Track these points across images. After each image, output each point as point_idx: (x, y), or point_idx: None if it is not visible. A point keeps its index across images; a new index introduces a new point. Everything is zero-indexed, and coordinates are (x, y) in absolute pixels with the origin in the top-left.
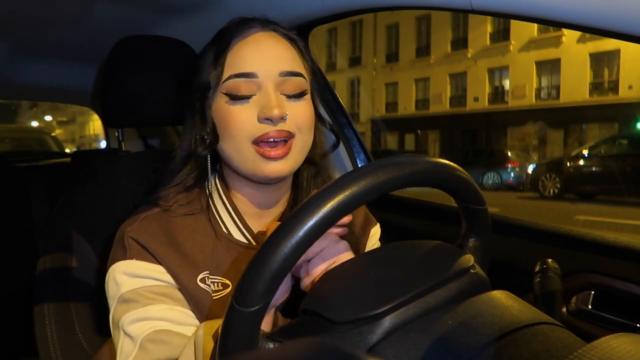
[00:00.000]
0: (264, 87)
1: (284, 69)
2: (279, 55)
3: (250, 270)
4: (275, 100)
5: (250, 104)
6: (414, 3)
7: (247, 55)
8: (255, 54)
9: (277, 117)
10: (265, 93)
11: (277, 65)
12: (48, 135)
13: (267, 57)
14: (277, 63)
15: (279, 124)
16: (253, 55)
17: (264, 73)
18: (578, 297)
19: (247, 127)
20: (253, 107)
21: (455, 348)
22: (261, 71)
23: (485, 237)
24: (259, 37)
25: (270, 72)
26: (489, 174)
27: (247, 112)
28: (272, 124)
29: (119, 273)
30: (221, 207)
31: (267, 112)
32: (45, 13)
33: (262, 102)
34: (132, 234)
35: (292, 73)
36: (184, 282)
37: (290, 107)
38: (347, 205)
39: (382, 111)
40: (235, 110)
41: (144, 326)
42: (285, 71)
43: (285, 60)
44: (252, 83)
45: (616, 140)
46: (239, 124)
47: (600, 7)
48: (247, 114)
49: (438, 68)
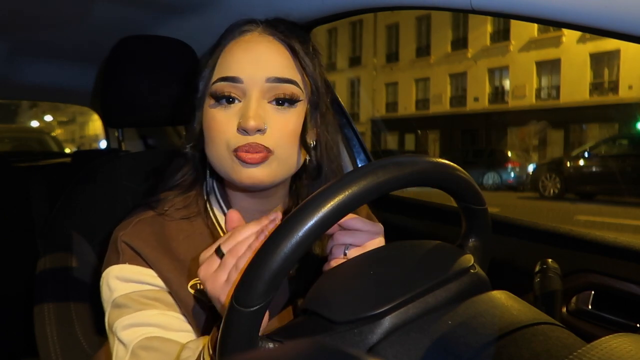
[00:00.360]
0: (248, 94)
1: (272, 75)
2: (269, 60)
3: (250, 270)
4: (254, 110)
5: (233, 110)
6: (414, 3)
7: (234, 59)
8: (242, 58)
9: (253, 129)
10: (247, 100)
11: (265, 71)
12: (48, 135)
13: (254, 61)
14: (265, 68)
15: (256, 135)
16: (240, 58)
17: (249, 78)
18: (578, 297)
19: (225, 135)
20: (235, 114)
21: (455, 348)
22: (246, 76)
23: (485, 237)
24: (251, 41)
25: (255, 77)
26: (489, 174)
27: (228, 119)
28: (248, 135)
29: (112, 277)
30: (218, 211)
31: (242, 123)
32: (45, 13)
33: (242, 110)
34: (125, 238)
35: (281, 79)
36: (175, 288)
37: (274, 118)
38: (347, 205)
39: (382, 111)
40: (218, 115)
41: (137, 332)
42: (273, 77)
43: (274, 65)
44: (236, 88)
45: (616, 140)
46: (218, 131)
47: (600, 7)
48: (227, 121)
49: (438, 68)
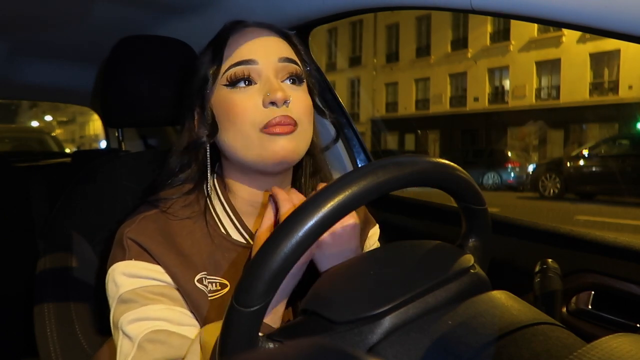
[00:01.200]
0: (264, 74)
1: (283, 55)
2: (276, 43)
3: (251, 270)
4: (277, 84)
5: (252, 91)
6: (414, 3)
7: (245, 45)
8: (252, 43)
9: (281, 99)
10: (266, 79)
11: (275, 52)
12: (48, 135)
13: (264, 44)
14: (275, 50)
15: (283, 107)
16: (250, 44)
17: (263, 59)
18: (578, 297)
19: (251, 113)
20: (256, 93)
21: (455, 348)
22: (260, 57)
23: (485, 237)
24: (254, 30)
25: (269, 57)
26: (489, 174)
27: (251, 98)
28: (277, 107)
29: (118, 274)
30: (219, 208)
31: (271, 96)
32: (45, 13)
33: (265, 87)
34: (131, 234)
35: (290, 59)
36: (182, 283)
37: (292, 94)
38: (347, 205)
39: (382, 111)
40: (238, 98)
41: (143, 326)
42: (284, 57)
43: (281, 48)
44: (252, 70)
45: (616, 140)
46: (243, 110)
47: (600, 7)
48: (251, 101)
49: (438, 68)
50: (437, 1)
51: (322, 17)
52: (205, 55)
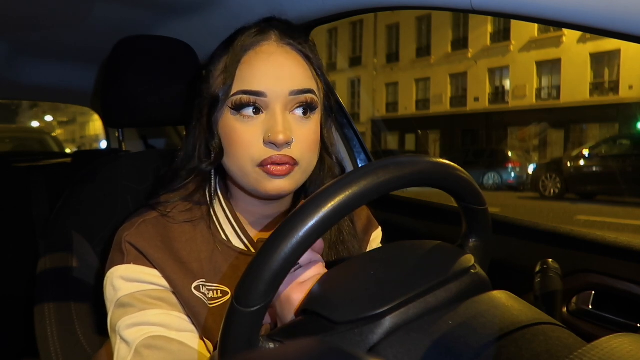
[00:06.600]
0: (272, 107)
1: (295, 88)
2: (292, 74)
3: (251, 270)
4: (281, 125)
5: (256, 122)
6: (414, 3)
7: (257, 72)
8: (265, 72)
9: (282, 142)
10: (272, 114)
11: (288, 85)
12: (48, 135)
13: (277, 75)
14: (288, 82)
15: (284, 149)
16: (263, 72)
17: (272, 93)
18: (578, 297)
19: (251, 148)
20: (259, 127)
21: (456, 348)
22: (270, 90)
23: (485, 237)
24: (270, 53)
25: (279, 92)
26: (489, 174)
27: (253, 132)
28: (277, 148)
29: (116, 277)
30: (221, 215)
31: (272, 137)
32: (45, 13)
33: (268, 123)
34: (130, 238)
35: (302, 91)
36: (179, 289)
37: (298, 129)
38: (347, 205)
39: (382, 111)
40: (241, 129)
41: (140, 331)
42: (296, 90)
43: (296, 78)
44: (259, 101)
45: (617, 140)
46: (242, 145)
47: (600, 7)
48: (252, 134)
49: (438, 68)
50: (437, 1)
51: (322, 17)
52: (217, 62)
